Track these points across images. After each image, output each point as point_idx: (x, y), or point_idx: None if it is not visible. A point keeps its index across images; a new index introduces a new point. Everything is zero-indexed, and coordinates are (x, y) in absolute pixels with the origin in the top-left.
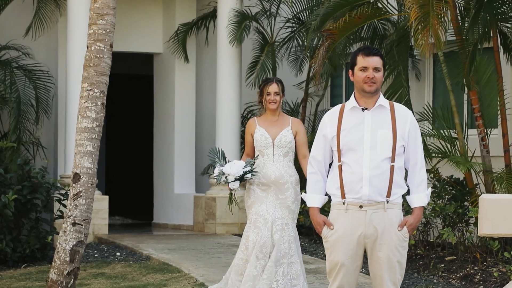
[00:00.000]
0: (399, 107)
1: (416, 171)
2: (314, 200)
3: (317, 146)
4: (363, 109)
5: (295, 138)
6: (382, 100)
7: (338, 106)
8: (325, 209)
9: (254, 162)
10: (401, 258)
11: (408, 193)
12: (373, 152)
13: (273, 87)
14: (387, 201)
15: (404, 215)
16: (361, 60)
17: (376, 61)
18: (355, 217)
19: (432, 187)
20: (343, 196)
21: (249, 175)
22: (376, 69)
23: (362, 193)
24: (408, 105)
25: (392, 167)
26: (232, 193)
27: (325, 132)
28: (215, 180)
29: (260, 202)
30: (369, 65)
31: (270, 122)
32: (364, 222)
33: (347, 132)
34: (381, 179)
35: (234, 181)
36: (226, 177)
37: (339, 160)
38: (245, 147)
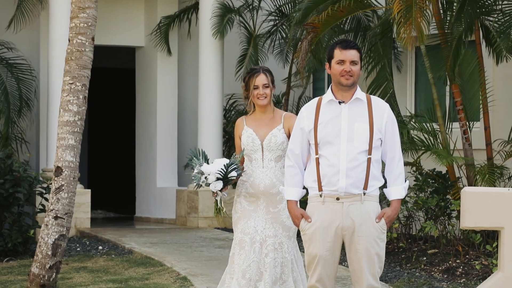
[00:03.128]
0: (376, 100)
1: (394, 163)
2: (291, 193)
3: (295, 139)
4: (340, 102)
5: (288, 136)
6: (359, 93)
7: (315, 99)
8: (306, 202)
9: (239, 158)
10: (380, 251)
11: (385, 186)
12: (350, 145)
13: (261, 79)
14: (364, 194)
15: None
16: (338, 54)
17: (353, 54)
18: (332, 209)
19: (414, 180)
20: (320, 189)
21: (234, 173)
22: (353, 62)
23: (339, 186)
24: (393, 98)
25: (369, 160)
26: (217, 200)
27: (302, 125)
28: (194, 183)
29: (247, 218)
30: (346, 58)
31: (260, 120)
32: (341, 214)
33: (324, 125)
34: (358, 172)
35: (216, 181)
36: (206, 177)
37: (316, 153)
38: (235, 150)
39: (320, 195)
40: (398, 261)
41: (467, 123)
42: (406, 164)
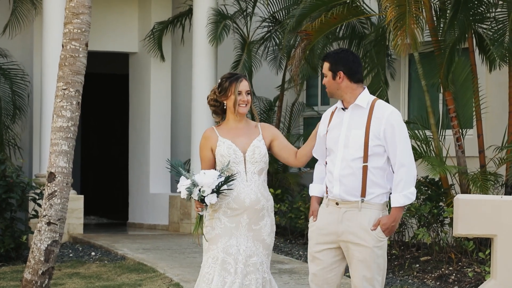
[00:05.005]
0: (379, 106)
1: (395, 170)
2: (314, 189)
3: (318, 142)
4: (344, 109)
5: (272, 145)
6: (361, 100)
7: (334, 106)
8: (300, 209)
9: (223, 171)
10: (377, 259)
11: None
12: (346, 152)
13: (245, 85)
14: (362, 201)
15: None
16: None
17: (323, 67)
18: (331, 213)
19: None
20: (327, 192)
21: (225, 186)
22: (324, 75)
23: (334, 192)
24: None
25: (364, 167)
26: (202, 216)
27: (320, 130)
28: (186, 195)
29: (228, 236)
30: (322, 71)
31: (236, 130)
32: (337, 220)
33: (329, 131)
34: (352, 179)
35: (211, 193)
36: (200, 190)
37: (326, 158)
38: (201, 165)
39: (327, 198)
40: (391, 268)
41: (460, 130)
42: None
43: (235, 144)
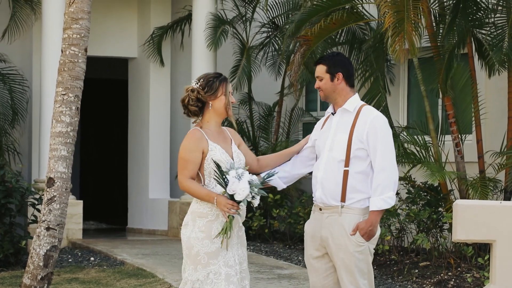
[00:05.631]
0: (365, 111)
1: (375, 174)
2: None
3: (308, 143)
4: (333, 114)
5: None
6: (349, 104)
7: (326, 113)
8: (299, 214)
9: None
10: (359, 263)
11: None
12: (330, 156)
13: (230, 87)
14: (342, 206)
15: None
16: None
17: (317, 70)
18: (316, 219)
19: (406, 193)
20: (314, 198)
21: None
22: (318, 78)
23: (316, 196)
24: (386, 110)
25: (345, 172)
26: (233, 217)
27: (312, 135)
28: (246, 195)
29: (226, 249)
30: (316, 75)
31: (218, 135)
32: (320, 225)
33: (319, 136)
34: (333, 183)
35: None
36: (252, 191)
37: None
38: (183, 169)
39: (314, 204)
40: (390, 274)
41: (459, 135)
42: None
43: (224, 149)
